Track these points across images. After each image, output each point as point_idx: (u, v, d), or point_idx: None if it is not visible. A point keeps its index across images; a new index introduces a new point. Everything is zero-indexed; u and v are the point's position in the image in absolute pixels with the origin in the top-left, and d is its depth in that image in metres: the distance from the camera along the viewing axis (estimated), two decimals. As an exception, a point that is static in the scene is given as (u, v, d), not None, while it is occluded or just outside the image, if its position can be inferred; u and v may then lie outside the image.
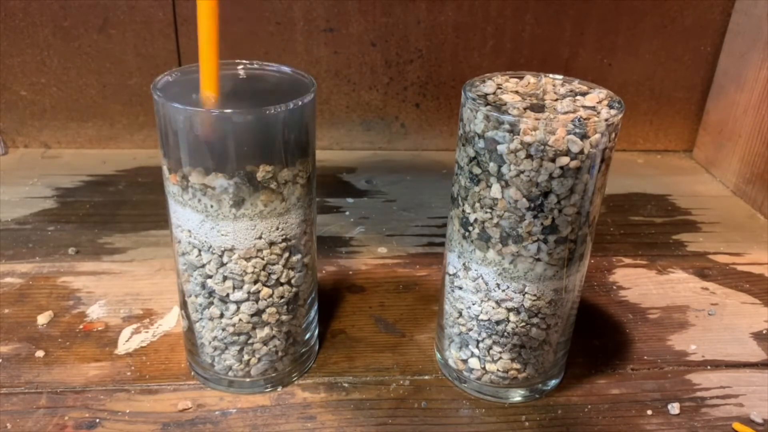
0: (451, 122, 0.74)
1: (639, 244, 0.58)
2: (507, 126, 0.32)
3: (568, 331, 0.40)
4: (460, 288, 0.38)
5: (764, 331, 0.48)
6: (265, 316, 0.37)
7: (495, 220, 0.34)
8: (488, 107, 0.33)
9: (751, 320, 0.49)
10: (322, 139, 0.73)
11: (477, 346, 0.39)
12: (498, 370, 0.39)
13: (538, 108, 0.34)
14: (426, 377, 0.42)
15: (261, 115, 0.32)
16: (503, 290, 0.36)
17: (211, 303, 0.37)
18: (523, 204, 0.33)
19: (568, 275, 0.36)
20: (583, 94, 0.36)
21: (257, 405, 0.39)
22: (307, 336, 0.41)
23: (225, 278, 0.36)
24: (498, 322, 0.37)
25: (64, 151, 0.71)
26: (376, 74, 0.70)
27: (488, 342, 0.38)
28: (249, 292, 0.36)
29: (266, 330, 0.38)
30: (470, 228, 0.36)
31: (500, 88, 0.36)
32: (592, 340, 0.46)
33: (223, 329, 0.37)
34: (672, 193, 0.68)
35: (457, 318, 0.39)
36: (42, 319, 0.45)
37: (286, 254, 0.36)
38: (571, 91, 0.36)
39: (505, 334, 0.38)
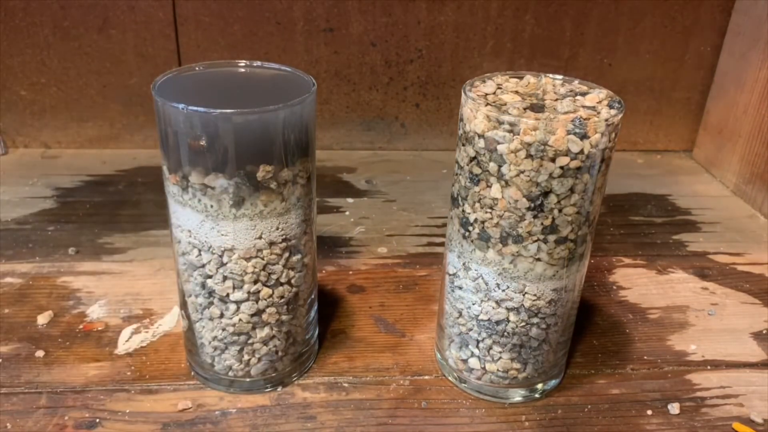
0: (451, 122, 0.74)
1: (639, 244, 0.58)
2: (507, 126, 0.32)
3: (568, 331, 0.40)
4: (460, 288, 0.38)
5: (764, 331, 0.48)
6: (265, 316, 0.37)
7: (495, 220, 0.34)
8: (488, 107, 0.33)
9: (751, 320, 0.49)
10: (322, 139, 0.73)
11: (477, 346, 0.39)
12: (498, 370, 0.39)
13: (538, 108, 0.34)
14: (426, 377, 0.42)
15: (261, 115, 0.32)
16: (503, 290, 0.36)
17: (211, 303, 0.37)
18: (523, 204, 0.33)
19: (568, 275, 0.36)
20: (583, 94, 0.36)
21: (257, 405, 0.39)
22: (307, 336, 0.41)
23: (225, 278, 0.36)
24: (498, 322, 0.37)
25: (64, 151, 0.71)
26: (376, 74, 0.70)
27: (488, 342, 0.38)
28: (249, 292, 0.36)
29: (266, 330, 0.38)
30: (470, 228, 0.36)
31: (500, 88, 0.36)
32: (592, 340, 0.46)
33: (223, 329, 0.37)
34: (672, 193, 0.68)
35: (457, 318, 0.39)
36: (42, 319, 0.45)
37: (286, 254, 0.36)
38: (571, 91, 0.36)
39: (505, 334, 0.38)
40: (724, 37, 0.71)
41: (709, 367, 0.44)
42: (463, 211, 0.36)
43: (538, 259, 0.35)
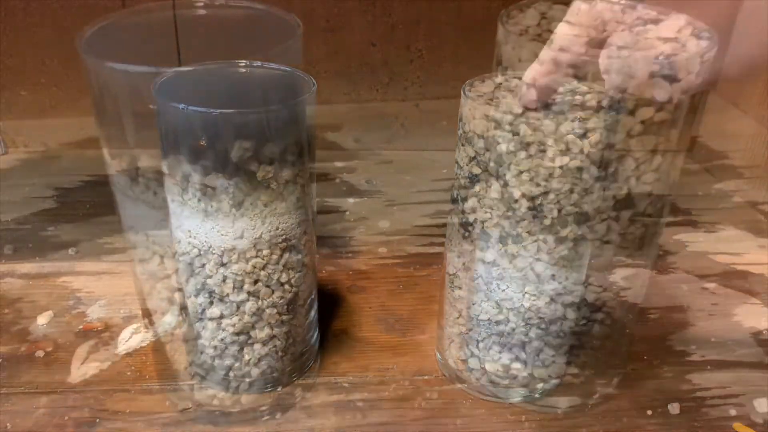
0: (451, 122, 0.74)
1: (639, 243, 0.58)
2: (507, 126, 0.32)
3: (568, 331, 0.40)
4: (460, 288, 0.38)
5: (764, 331, 0.48)
6: (265, 316, 0.37)
7: (495, 220, 0.34)
8: (488, 107, 0.33)
9: (751, 320, 0.49)
10: (323, 138, 0.73)
11: (477, 346, 0.39)
12: (498, 370, 0.39)
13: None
14: (426, 377, 0.42)
15: (261, 115, 0.32)
16: (503, 290, 0.36)
17: (211, 303, 0.37)
18: (523, 204, 0.33)
19: (568, 275, 0.36)
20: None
21: (257, 405, 0.39)
22: (307, 336, 0.41)
23: (225, 278, 0.36)
24: (498, 322, 0.37)
25: (64, 151, 0.71)
26: (376, 74, 0.70)
27: (488, 342, 0.38)
28: (249, 292, 0.36)
29: (266, 330, 0.38)
30: (470, 228, 0.36)
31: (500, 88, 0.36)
32: (592, 340, 0.46)
33: (223, 329, 0.37)
34: (672, 193, 0.68)
35: (457, 318, 0.39)
36: (42, 319, 0.45)
37: (286, 254, 0.36)
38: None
39: (505, 333, 0.38)
40: (724, 37, 0.71)
41: (709, 367, 0.44)
42: (463, 211, 0.36)
43: (538, 259, 0.35)
